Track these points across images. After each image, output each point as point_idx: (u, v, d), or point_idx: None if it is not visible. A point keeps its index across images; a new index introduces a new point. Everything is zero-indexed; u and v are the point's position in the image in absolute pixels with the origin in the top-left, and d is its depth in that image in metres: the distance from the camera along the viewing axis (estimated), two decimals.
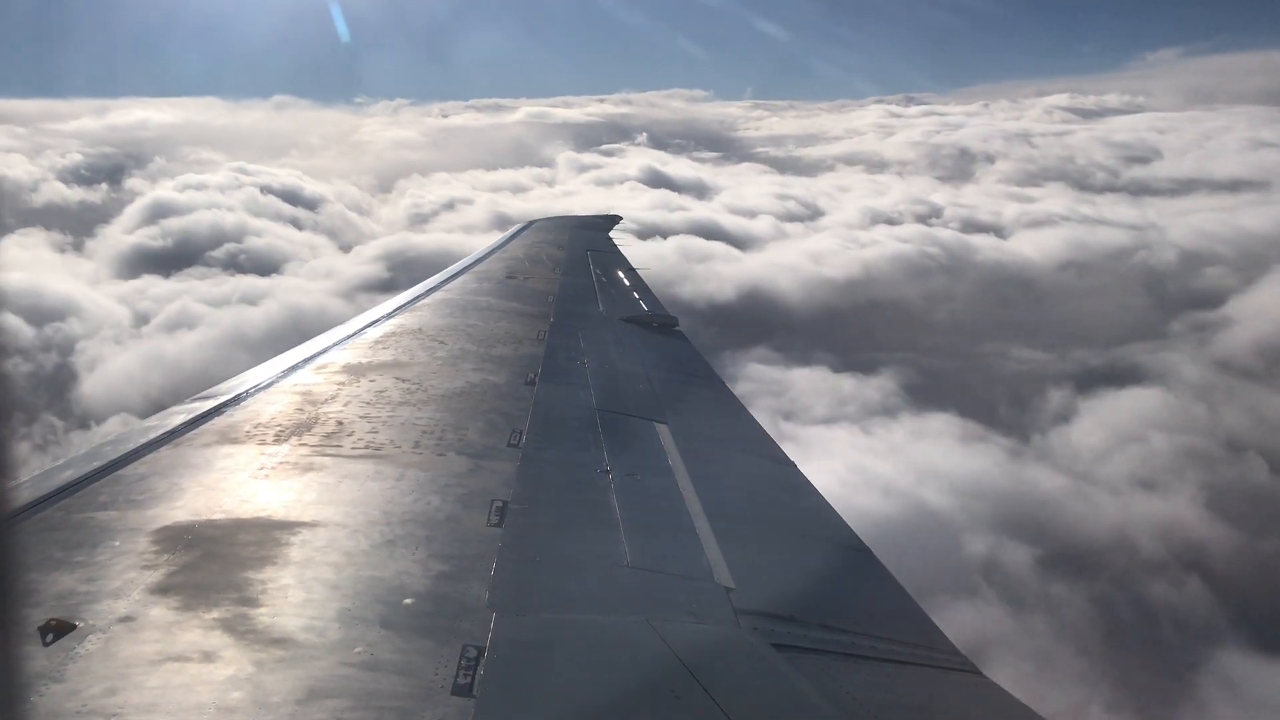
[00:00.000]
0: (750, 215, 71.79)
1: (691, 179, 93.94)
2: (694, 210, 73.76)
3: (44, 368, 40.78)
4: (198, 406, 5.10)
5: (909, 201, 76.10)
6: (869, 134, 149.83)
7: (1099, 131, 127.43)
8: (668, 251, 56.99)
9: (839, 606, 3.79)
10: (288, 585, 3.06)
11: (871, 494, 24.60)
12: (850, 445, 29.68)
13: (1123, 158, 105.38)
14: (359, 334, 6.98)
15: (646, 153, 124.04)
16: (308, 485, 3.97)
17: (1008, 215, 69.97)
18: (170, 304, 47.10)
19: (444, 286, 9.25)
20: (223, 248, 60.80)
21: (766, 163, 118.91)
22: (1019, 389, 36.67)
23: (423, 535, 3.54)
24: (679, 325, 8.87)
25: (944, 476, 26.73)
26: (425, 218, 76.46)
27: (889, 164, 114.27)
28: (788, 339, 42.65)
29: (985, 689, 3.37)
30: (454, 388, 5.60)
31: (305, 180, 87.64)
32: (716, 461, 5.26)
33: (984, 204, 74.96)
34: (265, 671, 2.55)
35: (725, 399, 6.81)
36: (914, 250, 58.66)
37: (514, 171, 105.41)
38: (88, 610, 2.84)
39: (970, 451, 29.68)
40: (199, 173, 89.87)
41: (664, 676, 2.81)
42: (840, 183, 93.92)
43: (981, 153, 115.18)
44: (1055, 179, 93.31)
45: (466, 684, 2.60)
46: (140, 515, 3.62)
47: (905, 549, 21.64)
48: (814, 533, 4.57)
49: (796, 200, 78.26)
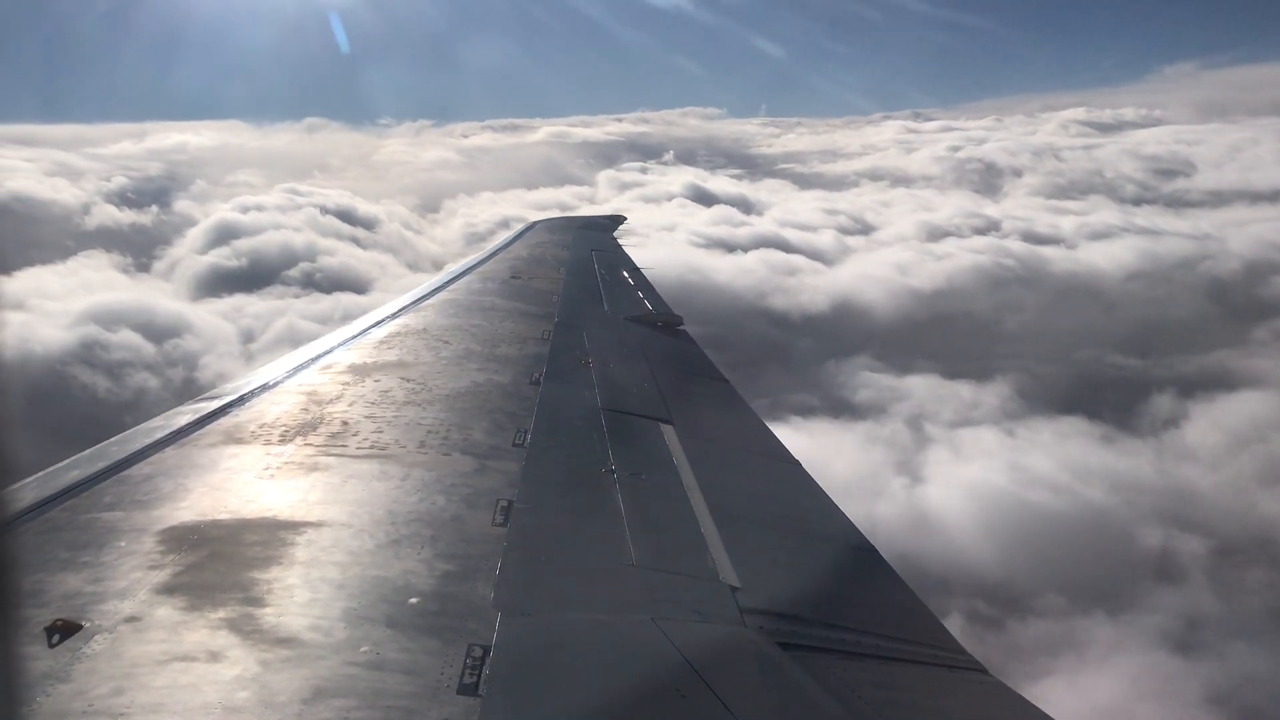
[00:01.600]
0: (812, 229, 73.40)
1: (735, 195, 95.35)
2: (756, 225, 75.34)
3: (173, 382, 41.55)
4: (203, 407, 5.11)
5: (963, 215, 77.40)
6: (890, 149, 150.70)
7: (1127, 145, 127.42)
8: (752, 265, 59.53)
9: (845, 605, 3.79)
10: (293, 585, 3.06)
11: (1040, 491, 26.22)
12: (999, 446, 30.97)
13: (1153, 170, 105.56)
14: (364, 334, 6.98)
15: (684, 170, 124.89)
16: (313, 485, 3.97)
17: (1066, 227, 71.28)
18: (275, 320, 48.21)
19: (448, 287, 9.26)
20: (298, 267, 62.18)
21: (790, 179, 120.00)
22: (1124, 394, 37.72)
23: (428, 535, 3.54)
24: (683, 324, 8.87)
25: (1100, 474, 28.00)
26: (482, 236, 76.85)
27: (914, 179, 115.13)
28: (886, 348, 44.33)
29: (992, 688, 3.36)
30: (459, 387, 5.60)
31: (357, 200, 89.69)
32: (722, 461, 5.25)
33: (1038, 217, 76.21)
34: (271, 671, 2.55)
35: (730, 398, 6.81)
36: (989, 262, 60.26)
37: (555, 190, 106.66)
38: (94, 610, 2.85)
39: (1115, 451, 31.05)
40: (240, 194, 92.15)
41: (670, 676, 2.81)
42: (881, 198, 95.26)
43: (1009, 167, 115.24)
44: (1085, 192, 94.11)
45: (472, 683, 2.59)
46: (146, 515, 3.62)
47: (1084, 542, 23.97)
48: (819, 531, 4.57)
49: (846, 215, 79.95)
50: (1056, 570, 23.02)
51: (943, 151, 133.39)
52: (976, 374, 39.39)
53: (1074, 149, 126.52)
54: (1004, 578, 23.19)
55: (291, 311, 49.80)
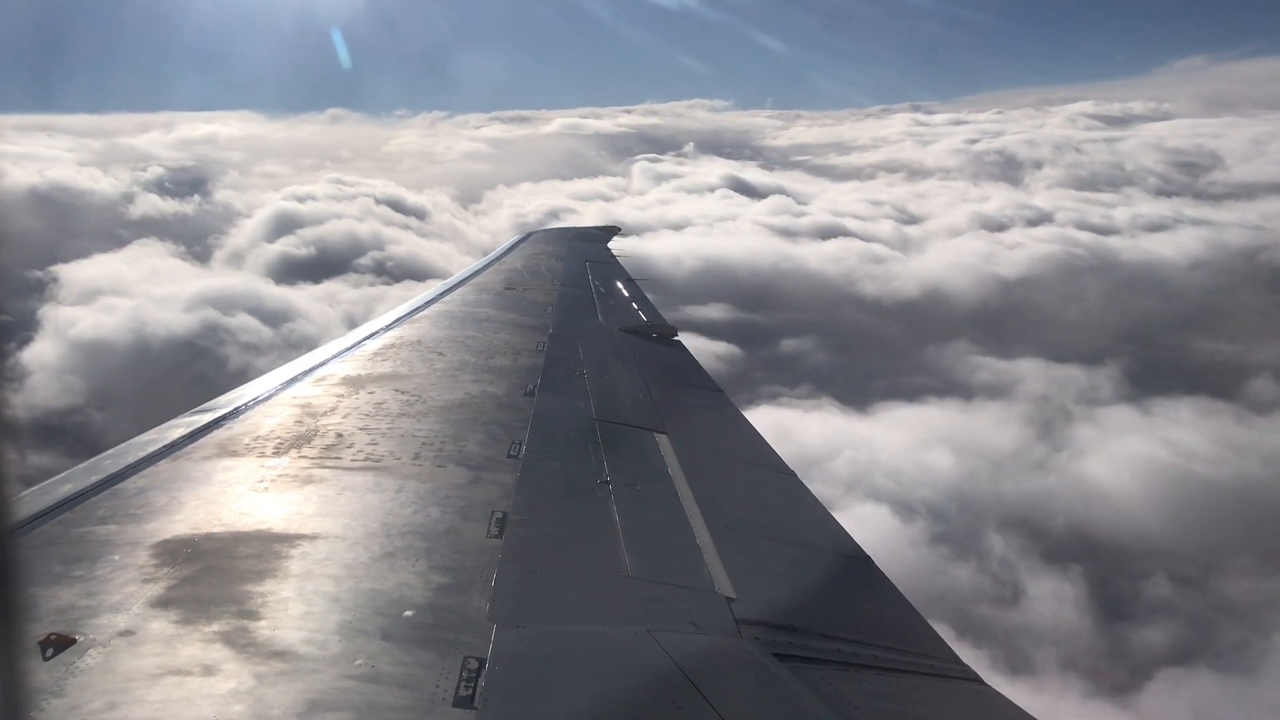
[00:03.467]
0: (868, 219, 75.72)
1: (773, 185, 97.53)
2: (814, 215, 77.63)
3: None
4: (197, 419, 5.09)
5: (1014, 207, 79.39)
6: (904, 142, 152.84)
7: (1148, 138, 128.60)
8: (834, 253, 62.80)
9: (840, 616, 3.79)
10: (288, 598, 3.05)
11: (1202, 464, 28.04)
12: (1142, 424, 32.64)
13: (1175, 164, 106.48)
14: (358, 346, 6.98)
15: (715, 162, 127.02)
16: (307, 498, 3.96)
17: (1120, 218, 72.91)
18: (375, 307, 48.99)
19: (443, 298, 9.27)
20: (368, 255, 63.89)
21: (806, 170, 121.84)
22: (1228, 376, 38.89)
23: (423, 547, 3.54)
24: (678, 335, 8.87)
25: (1251, 449, 29.64)
26: (532, 226, 79.11)
27: (931, 171, 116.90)
28: (981, 332, 46.70)
29: (988, 697, 3.36)
30: (453, 399, 5.60)
31: (404, 191, 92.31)
32: (717, 471, 5.25)
33: (1088, 209, 77.92)
34: (266, 685, 2.54)
35: (725, 408, 6.81)
36: (1061, 250, 62.72)
37: (591, 181, 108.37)
38: (88, 624, 2.83)
39: (1265, 426, 32.59)
40: (273, 183, 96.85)
41: (666, 687, 2.80)
42: (915, 190, 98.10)
43: (1029, 160, 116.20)
44: (1107, 185, 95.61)
45: (468, 696, 2.59)
46: (140, 529, 3.61)
47: (1259, 511, 25.39)
48: (815, 542, 4.57)
49: (890, 205, 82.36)
50: (1241, 536, 24.40)
51: (959, 144, 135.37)
52: (1080, 358, 40.92)
53: (1095, 142, 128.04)
54: (1196, 543, 24.73)
55: (389, 298, 51.10)
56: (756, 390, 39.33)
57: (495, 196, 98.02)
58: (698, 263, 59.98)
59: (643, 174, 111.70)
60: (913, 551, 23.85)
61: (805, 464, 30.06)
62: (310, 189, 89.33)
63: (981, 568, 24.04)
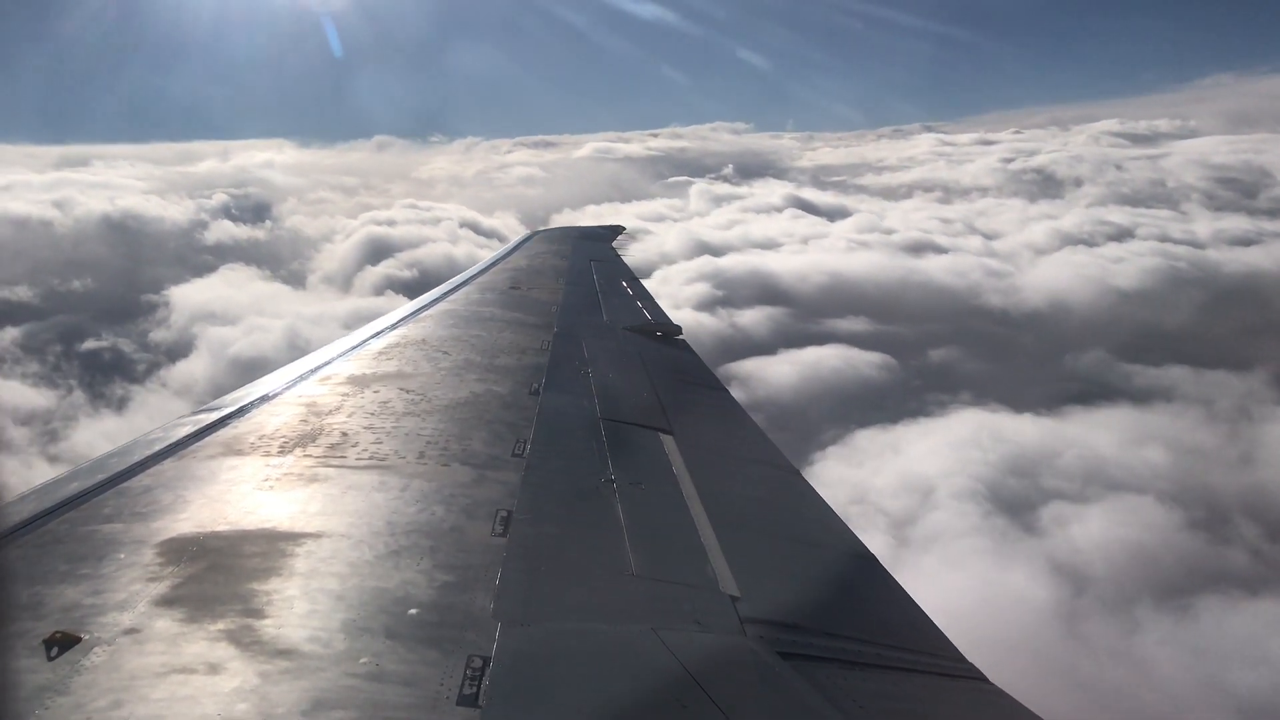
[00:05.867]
0: (954, 235, 78.17)
1: (834, 205, 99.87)
2: (902, 232, 79.55)
3: None
4: (202, 418, 5.10)
5: (1092, 222, 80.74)
6: (938, 162, 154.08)
7: (1190, 154, 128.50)
8: (948, 266, 65.70)
9: (845, 614, 3.78)
10: (293, 596, 3.05)
11: None
12: None
13: (1218, 180, 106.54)
14: (363, 345, 6.99)
15: (770, 184, 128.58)
16: (312, 496, 3.96)
17: (1203, 233, 74.06)
18: None
19: (448, 298, 9.28)
20: None
21: (839, 190, 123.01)
22: None
23: (427, 546, 3.54)
24: (682, 334, 8.87)
25: None
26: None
27: (968, 190, 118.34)
28: (1117, 341, 48.59)
29: (993, 696, 3.36)
30: (458, 398, 5.60)
31: (477, 214, 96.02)
32: (721, 470, 5.25)
33: (1169, 225, 79.23)
34: (270, 683, 2.54)
35: (729, 407, 6.81)
36: (1164, 264, 64.45)
37: (649, 203, 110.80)
38: (93, 623, 2.84)
39: None
40: (325, 209, 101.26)
41: (670, 685, 2.80)
42: (976, 208, 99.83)
43: (1069, 177, 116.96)
44: (1156, 201, 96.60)
45: (472, 694, 2.59)
46: (145, 527, 3.62)
47: None
48: (819, 540, 4.56)
49: (961, 223, 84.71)
50: None
51: (995, 163, 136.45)
52: (1226, 364, 42.45)
53: (1135, 159, 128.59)
54: None
55: None
56: (922, 398, 41.64)
57: (561, 219, 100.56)
58: (824, 278, 63.04)
59: (700, 195, 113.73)
60: (1185, 535, 26.39)
61: (1031, 465, 31.91)
62: (389, 214, 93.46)
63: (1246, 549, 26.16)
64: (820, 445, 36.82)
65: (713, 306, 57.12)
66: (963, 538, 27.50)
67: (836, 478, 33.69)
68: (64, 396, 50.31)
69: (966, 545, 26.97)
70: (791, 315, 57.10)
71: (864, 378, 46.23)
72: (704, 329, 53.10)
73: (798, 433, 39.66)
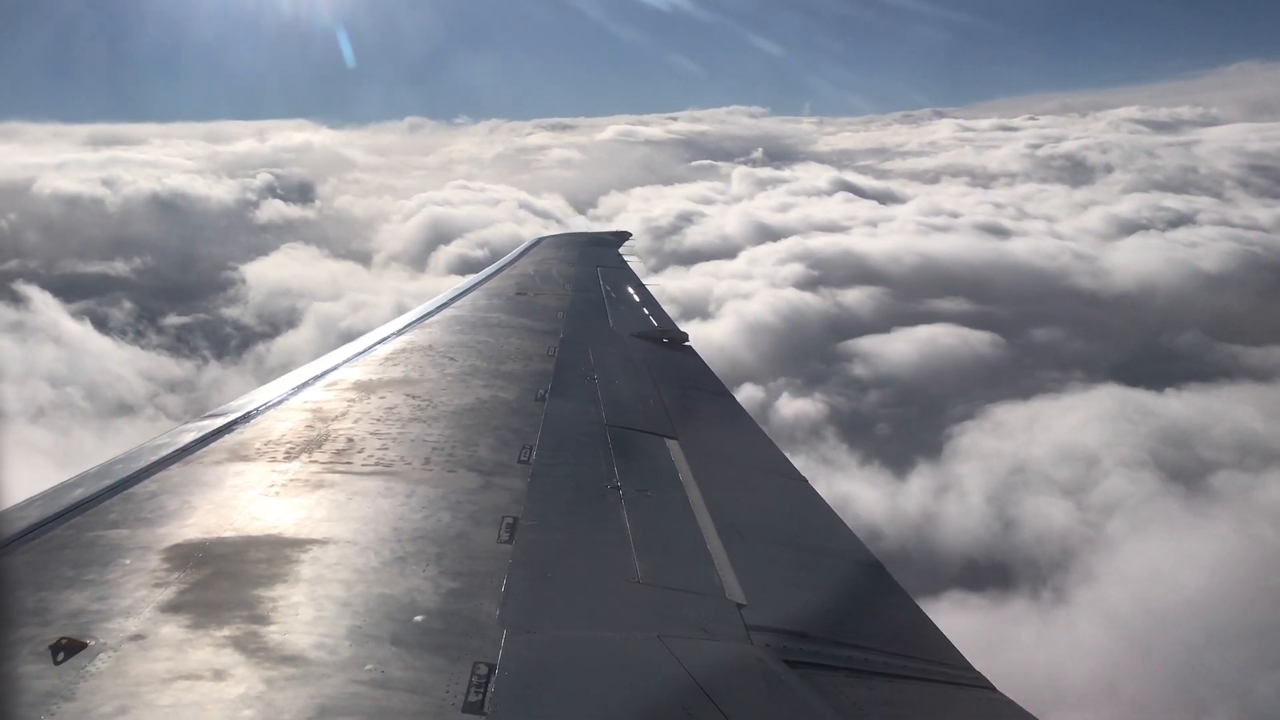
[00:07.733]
0: (1022, 218, 79.91)
1: (880, 189, 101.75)
2: (971, 215, 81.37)
3: None
4: (208, 424, 5.11)
5: (1150, 209, 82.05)
6: (964, 148, 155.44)
7: (1224, 140, 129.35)
8: (1034, 249, 67.55)
9: (852, 622, 3.77)
10: (298, 603, 3.05)
11: None
12: None
13: (1254, 166, 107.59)
14: (369, 351, 6.99)
15: (813, 168, 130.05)
16: (318, 502, 3.96)
17: (1263, 219, 75.29)
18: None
19: (454, 303, 9.28)
20: None
21: (874, 175, 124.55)
22: None
23: (433, 552, 3.53)
24: (689, 340, 8.86)
25: None
26: (666, 231, 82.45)
27: (995, 175, 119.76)
28: (1211, 324, 49.82)
29: (999, 704, 3.34)
30: (464, 404, 5.60)
31: (528, 195, 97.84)
32: (728, 477, 5.24)
33: (1227, 211, 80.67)
34: (276, 690, 2.54)
35: (736, 414, 6.80)
36: (1239, 248, 66.09)
37: (690, 186, 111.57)
38: (99, 628, 2.84)
39: None
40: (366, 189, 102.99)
41: (676, 693, 2.79)
42: (1018, 193, 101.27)
43: (1099, 164, 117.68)
44: (1190, 188, 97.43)
45: (478, 701, 2.58)
46: (151, 533, 3.62)
47: None
48: (826, 548, 4.55)
49: (1013, 208, 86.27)
50: None
51: (1022, 149, 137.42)
52: None
53: (1166, 146, 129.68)
54: None
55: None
56: (1035, 375, 42.42)
57: (610, 201, 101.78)
58: (916, 259, 64.69)
59: (742, 179, 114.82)
60: None
61: (1184, 437, 32.96)
62: (444, 194, 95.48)
63: None
64: (953, 419, 37.61)
65: (814, 286, 58.75)
66: (1146, 502, 28.11)
67: (986, 449, 34.41)
68: (200, 366, 51.55)
69: (1153, 509, 27.58)
70: (892, 295, 58.38)
71: (978, 355, 47.12)
72: (810, 308, 55.36)
73: (924, 408, 40.85)
